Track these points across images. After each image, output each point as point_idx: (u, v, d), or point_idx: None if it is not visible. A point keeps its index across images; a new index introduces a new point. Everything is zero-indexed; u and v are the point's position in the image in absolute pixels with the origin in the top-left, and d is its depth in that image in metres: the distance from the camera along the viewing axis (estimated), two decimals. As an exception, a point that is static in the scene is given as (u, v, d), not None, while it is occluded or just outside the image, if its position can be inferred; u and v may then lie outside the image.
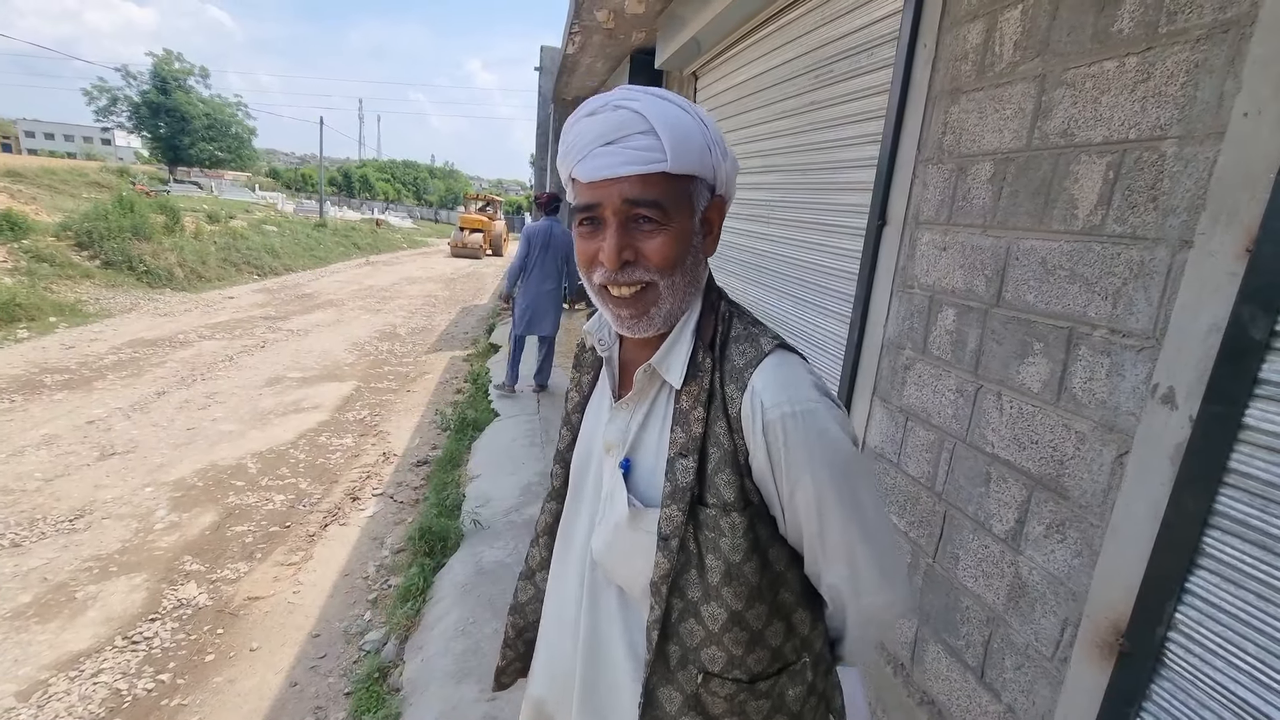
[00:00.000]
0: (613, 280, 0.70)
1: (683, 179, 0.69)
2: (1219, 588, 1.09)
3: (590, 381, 0.88)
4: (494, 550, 3.03)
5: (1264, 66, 1.05)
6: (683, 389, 0.72)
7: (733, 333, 0.74)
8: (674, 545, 0.69)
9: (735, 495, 0.68)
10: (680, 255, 0.70)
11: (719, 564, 0.69)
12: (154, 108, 36.26)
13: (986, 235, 1.68)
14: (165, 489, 3.77)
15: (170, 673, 2.41)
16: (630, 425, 0.77)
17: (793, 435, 0.65)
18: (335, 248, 18.96)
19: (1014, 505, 1.56)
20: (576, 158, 0.69)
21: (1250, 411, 1.05)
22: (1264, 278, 1.02)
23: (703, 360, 0.72)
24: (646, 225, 0.68)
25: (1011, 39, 1.62)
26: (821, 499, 0.67)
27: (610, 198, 0.68)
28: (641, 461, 0.75)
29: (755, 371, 0.68)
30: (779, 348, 0.71)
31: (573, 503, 0.85)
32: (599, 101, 0.70)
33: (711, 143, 0.71)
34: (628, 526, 0.73)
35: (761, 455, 0.67)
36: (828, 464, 0.67)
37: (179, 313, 8.75)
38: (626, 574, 0.75)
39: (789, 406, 0.66)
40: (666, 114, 0.68)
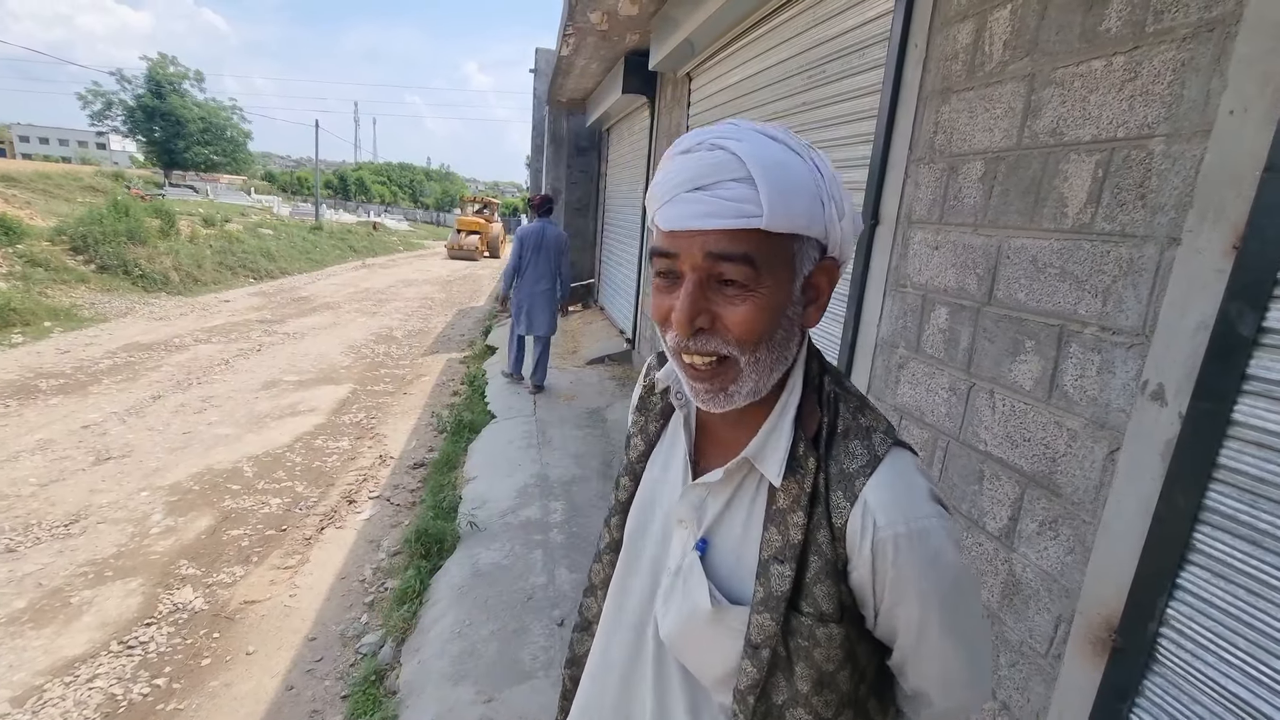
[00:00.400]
0: (684, 347, 0.62)
1: (785, 238, 0.59)
2: (1209, 583, 1.10)
3: (657, 430, 0.80)
4: (490, 552, 3.03)
5: (1249, 65, 1.05)
6: (779, 485, 0.65)
7: (840, 425, 0.65)
8: (765, 655, 0.64)
9: (834, 606, 0.63)
10: (767, 328, 0.60)
11: (810, 672, 0.64)
12: (149, 111, 36.20)
13: (978, 234, 1.68)
14: (161, 493, 3.76)
15: (166, 677, 2.40)
16: (708, 504, 0.69)
17: (903, 556, 0.60)
18: (331, 251, 18.94)
19: (1007, 503, 1.56)
20: (660, 201, 0.61)
21: (1239, 407, 1.05)
22: (1250, 275, 1.03)
23: (805, 457, 0.64)
24: (731, 288, 0.59)
25: (1001, 39, 1.63)
26: (924, 619, 0.63)
27: (689, 251, 0.59)
28: (721, 546, 0.68)
29: (869, 482, 0.61)
30: (894, 446, 0.63)
31: (629, 560, 0.78)
32: (695, 138, 0.61)
33: (827, 197, 0.60)
34: (708, 622, 0.66)
35: (865, 570, 0.62)
36: (936, 588, 0.61)
37: (174, 317, 8.73)
38: (698, 663, 0.70)
39: (903, 526, 0.60)
40: (771, 158, 0.58)
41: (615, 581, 0.80)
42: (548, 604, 2.67)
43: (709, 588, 0.66)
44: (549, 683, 2.21)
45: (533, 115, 11.53)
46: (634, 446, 0.81)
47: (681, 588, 0.69)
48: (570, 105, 9.71)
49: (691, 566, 0.68)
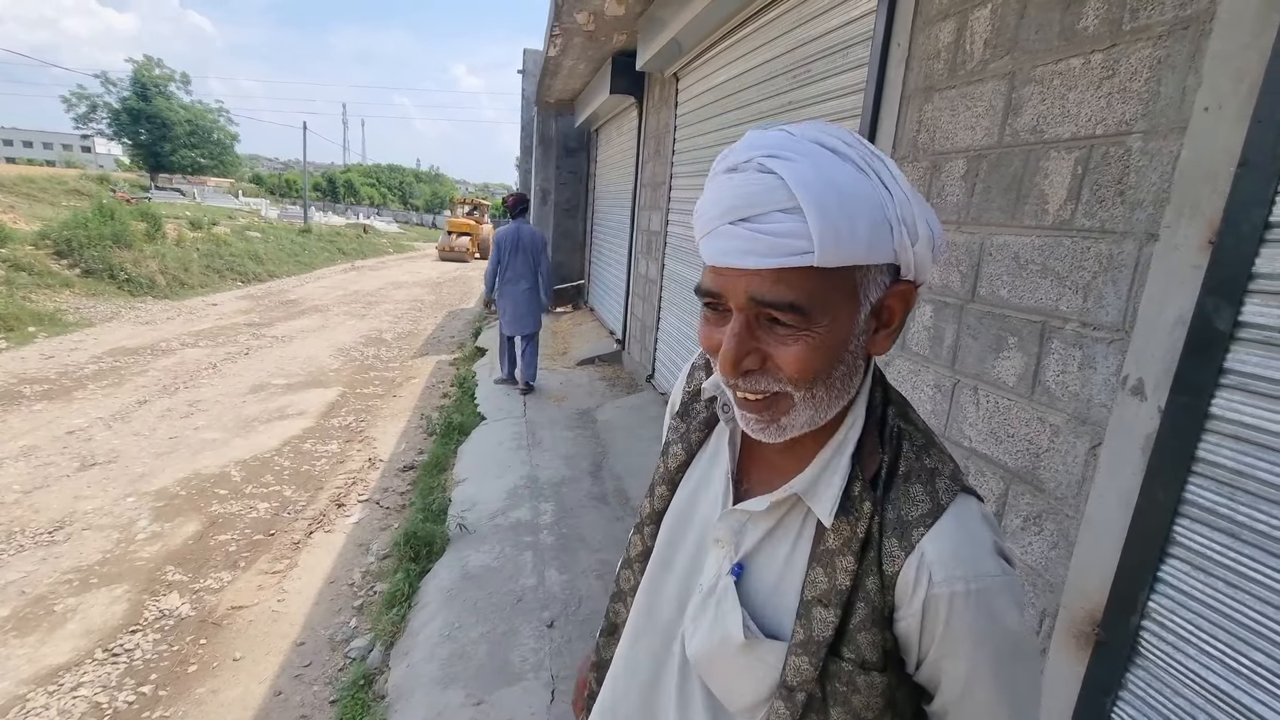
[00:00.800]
0: (733, 385, 0.58)
1: (842, 271, 0.53)
2: (1190, 576, 1.11)
3: (699, 440, 0.75)
4: (480, 554, 3.01)
5: (1223, 62, 1.06)
6: (831, 525, 0.60)
7: (902, 466, 0.60)
8: (800, 699, 0.60)
9: (878, 656, 0.59)
10: (824, 367, 0.55)
11: (846, 717, 0.60)
12: (134, 114, 35.88)
13: (961, 231, 1.69)
14: (147, 499, 3.72)
15: (152, 684, 2.37)
16: (748, 529, 0.65)
17: (958, 615, 0.55)
18: (320, 253, 18.81)
19: (992, 499, 1.57)
20: (702, 230, 0.56)
21: (1216, 401, 1.06)
22: (1226, 270, 1.04)
23: (861, 499, 0.59)
24: (783, 328, 0.54)
25: (982, 37, 1.64)
26: (973, 679, 0.58)
27: (734, 291, 0.54)
28: (759, 574, 0.65)
29: (928, 534, 0.56)
30: (959, 494, 0.58)
31: (660, 569, 0.75)
32: (745, 151, 0.54)
33: (896, 220, 0.53)
34: (739, 651, 0.62)
35: (913, 621, 0.57)
36: (991, 649, 0.57)
37: (161, 321, 8.65)
38: (725, 690, 0.66)
39: (961, 584, 0.55)
40: (825, 181, 0.51)
41: (644, 588, 0.77)
42: (538, 605, 2.66)
43: (743, 617, 0.63)
44: (539, 684, 2.20)
45: (521, 116, 11.51)
46: (673, 455, 0.77)
47: (714, 610, 0.66)
48: (559, 106, 9.70)
49: (726, 590, 0.65)
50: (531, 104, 10.33)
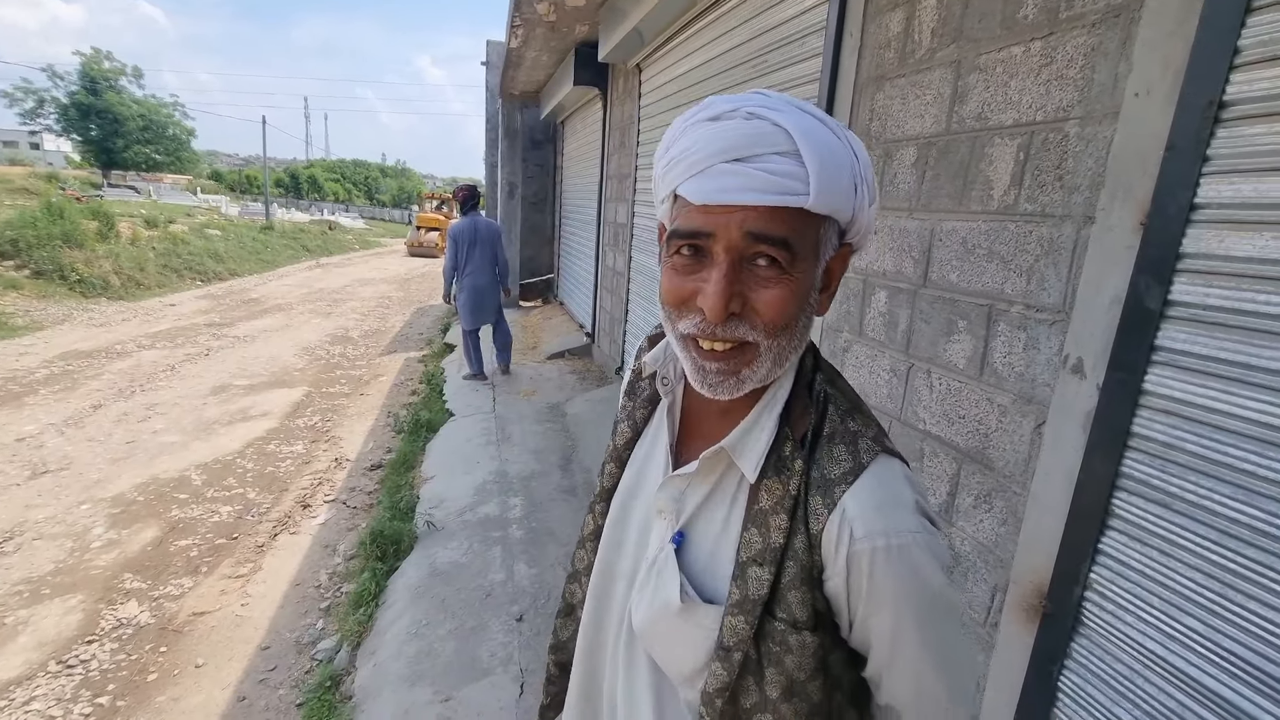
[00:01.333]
0: (707, 333, 0.57)
1: (816, 219, 0.56)
2: (1127, 547, 1.15)
3: (644, 417, 0.77)
4: (448, 551, 2.99)
5: (1151, 49, 1.10)
6: (761, 484, 0.62)
7: (826, 428, 0.62)
8: (736, 658, 0.61)
9: (808, 614, 0.61)
10: (795, 313, 0.58)
11: (780, 678, 0.62)
12: (84, 109, 34.49)
13: (913, 218, 1.72)
14: (103, 505, 3.61)
15: (110, 695, 2.31)
16: (687, 496, 0.67)
17: (879, 570, 0.57)
18: (283, 251, 18.38)
19: (946, 479, 1.61)
20: (688, 172, 0.56)
21: (1149, 377, 1.10)
22: (1156, 250, 1.07)
23: (792, 457, 0.61)
24: (764, 270, 0.56)
25: (929, 26, 1.66)
26: (898, 633, 0.60)
27: (726, 228, 0.54)
28: (698, 542, 0.66)
29: (849, 491, 0.58)
30: (880, 454, 0.60)
31: (611, 547, 0.76)
32: (724, 105, 0.56)
33: (860, 180, 0.57)
34: (677, 616, 0.64)
35: (839, 580, 0.59)
36: (913, 604, 0.59)
37: (116, 322, 8.37)
38: (666, 657, 0.68)
39: (882, 539, 0.57)
40: (816, 135, 0.54)
41: (597, 568, 0.78)
42: (507, 600, 2.65)
43: (681, 582, 0.64)
44: (508, 678, 2.19)
45: (486, 109, 11.35)
46: (620, 433, 0.78)
47: (655, 579, 0.67)
48: (524, 98, 9.60)
49: (666, 559, 0.66)
50: (496, 96, 10.19)
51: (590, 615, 0.79)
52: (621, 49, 4.61)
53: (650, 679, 0.70)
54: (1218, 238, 1.00)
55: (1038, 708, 1.30)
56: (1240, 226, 0.97)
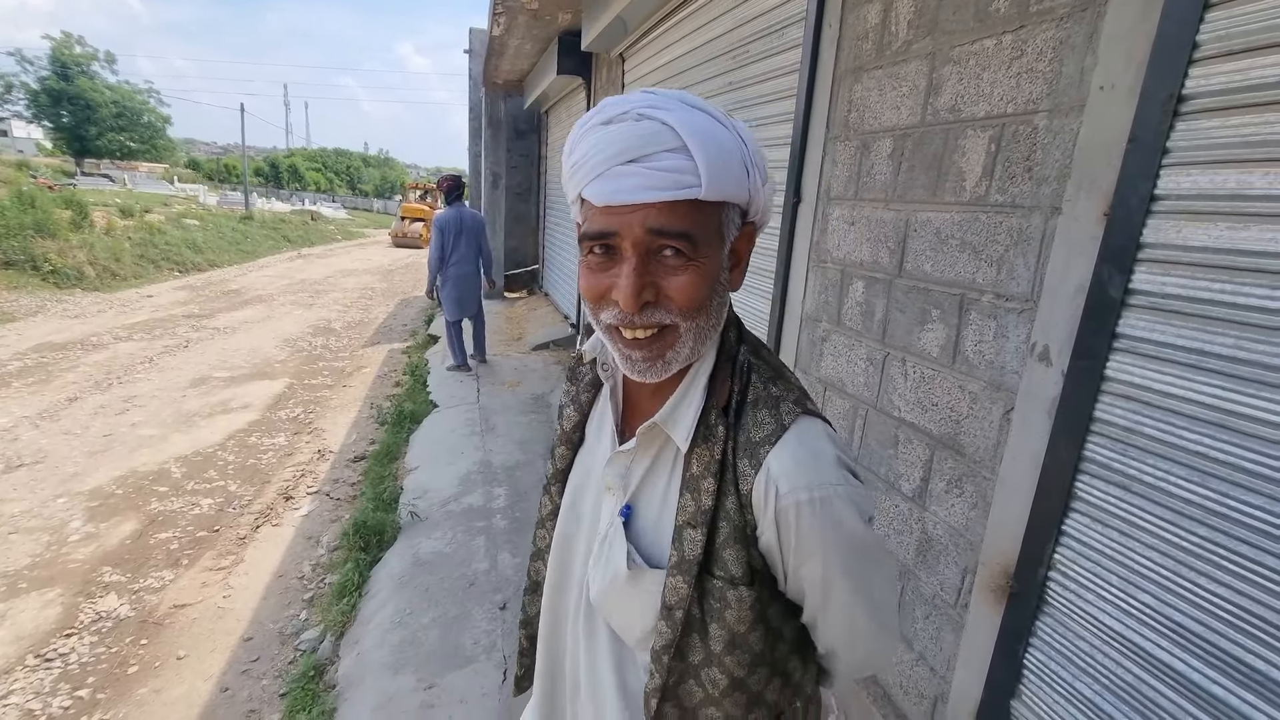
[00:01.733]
0: (627, 323, 0.61)
1: (714, 206, 0.60)
2: (1089, 528, 1.19)
3: (588, 400, 0.81)
4: (432, 541, 3.00)
5: (1116, 43, 1.12)
6: (692, 452, 0.66)
7: (750, 394, 0.66)
8: (678, 616, 0.66)
9: (743, 570, 0.65)
10: (707, 295, 0.62)
11: (722, 633, 0.66)
12: (54, 95, 33.62)
13: (889, 209, 1.75)
14: (80, 499, 3.57)
15: (89, 688, 2.30)
16: (632, 471, 0.71)
17: (805, 522, 0.61)
18: (264, 241, 18.11)
19: (919, 465, 1.64)
20: (588, 176, 0.59)
21: (1110, 364, 1.14)
22: (1118, 239, 1.11)
23: (715, 424, 0.65)
24: (671, 259, 0.59)
25: (905, 19, 1.68)
26: (828, 580, 0.65)
27: (630, 227, 0.58)
28: (643, 513, 0.71)
29: (772, 450, 0.62)
30: (801, 415, 0.64)
31: (569, 523, 0.80)
32: (616, 107, 0.60)
33: (751, 164, 0.62)
34: (626, 583, 0.68)
35: (771, 534, 0.63)
36: (839, 552, 0.63)
37: (91, 314, 8.22)
38: (621, 624, 0.72)
39: (805, 493, 0.61)
40: (702, 128, 0.58)
41: (557, 545, 0.82)
42: (490, 589, 2.67)
43: (628, 551, 0.69)
44: (491, 665, 2.21)
45: (469, 98, 11.23)
46: (567, 417, 0.83)
47: (607, 552, 0.71)
48: (507, 87, 9.51)
49: (615, 531, 0.71)
50: (479, 85, 10.09)
51: (550, 591, 0.83)
52: (604, 38, 4.58)
53: (610, 648, 0.74)
54: (1176, 228, 1.03)
55: (1005, 684, 1.35)
56: (1196, 217, 1.00)
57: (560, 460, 0.82)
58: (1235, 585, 0.96)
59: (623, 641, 0.74)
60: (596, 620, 0.75)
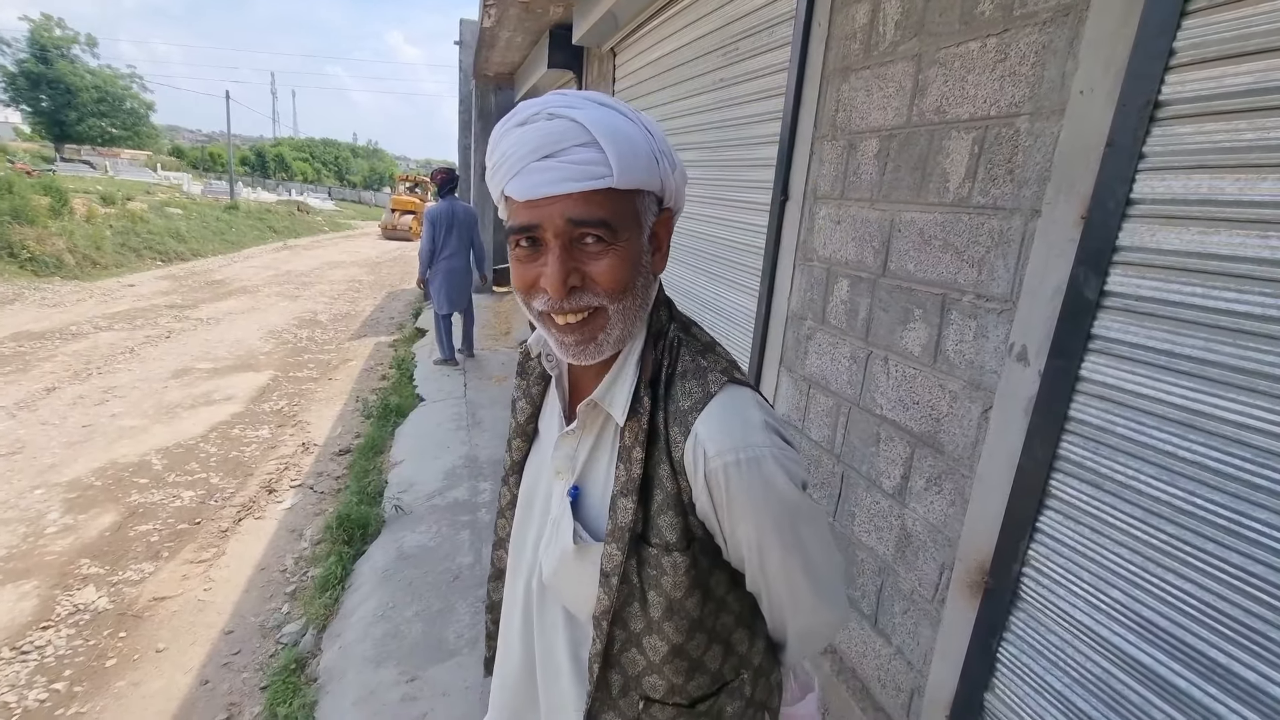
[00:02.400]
0: (557, 308, 0.64)
1: (629, 194, 0.64)
2: (1062, 525, 1.21)
3: (540, 392, 0.84)
4: (416, 535, 2.99)
5: (1095, 48, 1.14)
6: (625, 425, 0.69)
7: (679, 367, 0.69)
8: (614, 582, 0.68)
9: (678, 536, 0.67)
10: (630, 277, 0.65)
11: (661, 600, 0.69)
12: (33, 79, 32.95)
13: (874, 208, 1.76)
14: (58, 490, 3.52)
15: (66, 681, 2.28)
16: (578, 453, 0.74)
17: (734, 483, 0.63)
18: (249, 231, 17.89)
19: (900, 462, 1.66)
20: (509, 173, 0.63)
21: (1085, 365, 1.16)
22: (1094, 242, 1.13)
23: (643, 396, 0.68)
24: (593, 245, 0.63)
25: (893, 19, 1.69)
26: (762, 540, 0.67)
27: (550, 218, 0.61)
28: (590, 491, 0.74)
29: (699, 416, 0.65)
30: (728, 384, 0.67)
31: (523, 513, 0.83)
32: (530, 109, 0.63)
33: (659, 153, 0.66)
34: (574, 558, 0.71)
35: (704, 498, 0.66)
36: (770, 511, 0.65)
37: (70, 303, 8.09)
38: (572, 600, 0.75)
39: (732, 455, 0.63)
40: (609, 123, 0.62)
41: (514, 534, 0.85)
42: (474, 583, 2.67)
43: (574, 528, 0.71)
44: (474, 659, 2.22)
45: (459, 90, 11.14)
46: (520, 410, 0.86)
47: (556, 532, 0.74)
48: (498, 80, 9.44)
49: (564, 512, 0.73)
50: (470, 77, 10.00)
51: (508, 579, 0.86)
52: (596, 32, 4.57)
53: (564, 628, 0.77)
54: (1150, 232, 1.05)
55: (979, 677, 1.37)
56: (1170, 221, 1.02)
57: (516, 452, 0.86)
58: (1201, 581, 0.98)
59: (574, 619, 0.76)
60: (548, 601, 0.78)
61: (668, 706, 0.73)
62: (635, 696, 0.73)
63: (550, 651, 0.78)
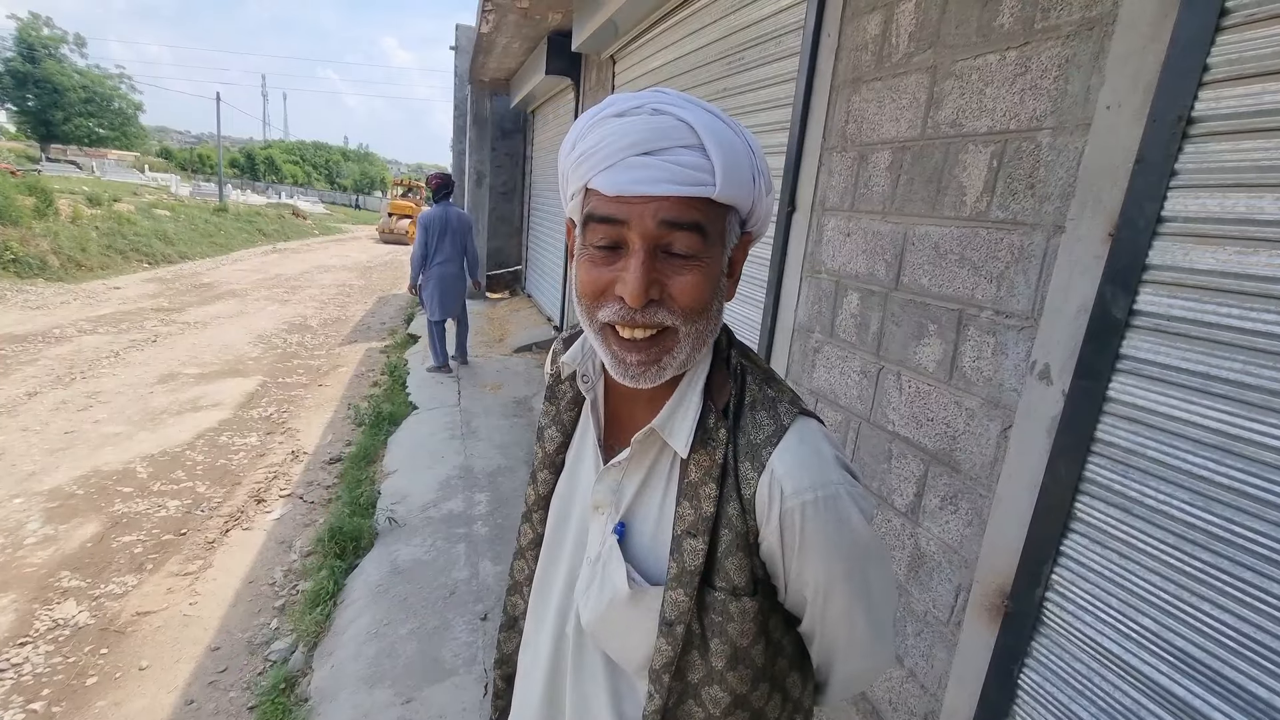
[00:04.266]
0: (628, 320, 0.59)
1: (722, 209, 0.60)
2: (1088, 549, 1.18)
3: (572, 420, 0.77)
4: (410, 548, 2.92)
5: (1123, 62, 1.12)
6: (691, 458, 0.64)
7: (747, 397, 0.65)
8: (679, 631, 0.63)
9: (746, 579, 0.63)
10: (709, 298, 0.60)
11: (725, 648, 0.64)
12: (19, 78, 32.57)
13: (886, 221, 1.74)
14: (38, 499, 3.42)
15: (44, 700, 2.19)
16: (624, 486, 0.68)
17: (810, 523, 0.60)
18: (238, 234, 17.73)
19: (913, 480, 1.63)
20: (599, 165, 0.58)
21: (1113, 385, 1.13)
22: (1123, 260, 1.10)
23: (715, 428, 0.64)
24: (678, 258, 0.58)
25: (907, 31, 1.67)
26: (830, 582, 0.63)
27: (642, 219, 0.56)
28: (639, 529, 0.68)
29: (775, 451, 0.61)
30: (799, 415, 0.64)
31: (551, 552, 0.77)
32: (630, 102, 0.59)
33: (758, 171, 0.61)
34: (627, 604, 0.65)
35: (774, 539, 0.62)
36: (843, 553, 0.62)
37: (54, 305, 7.94)
38: (620, 649, 0.69)
39: (810, 494, 0.60)
40: (716, 129, 0.58)
41: (539, 576, 0.78)
42: (471, 598, 2.60)
43: (627, 570, 0.65)
44: (472, 679, 2.15)
45: (454, 95, 11.11)
46: (550, 439, 0.78)
47: (601, 573, 0.67)
48: (494, 85, 9.42)
49: (611, 551, 0.67)
50: (465, 82, 9.98)
51: (532, 624, 0.79)
52: (595, 39, 4.55)
53: (605, 678, 0.70)
54: (1183, 251, 1.02)
55: (998, 705, 1.33)
56: (1205, 240, 1.00)
57: (544, 485, 0.78)
58: (1238, 611, 0.95)
59: (618, 669, 0.70)
60: (586, 650, 0.71)
61: None
62: None
63: (586, 704, 0.71)
